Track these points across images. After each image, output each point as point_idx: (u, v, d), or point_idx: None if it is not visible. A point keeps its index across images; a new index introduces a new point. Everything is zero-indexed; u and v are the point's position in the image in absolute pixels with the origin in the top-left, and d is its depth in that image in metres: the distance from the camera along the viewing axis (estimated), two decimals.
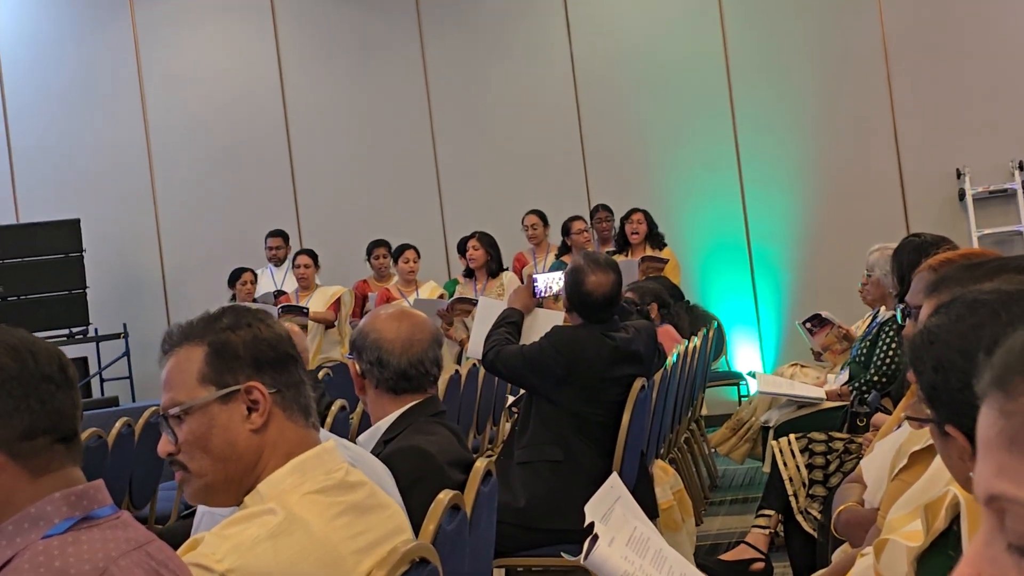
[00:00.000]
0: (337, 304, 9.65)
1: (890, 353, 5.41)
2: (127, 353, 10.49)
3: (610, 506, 2.54)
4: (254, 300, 9.47)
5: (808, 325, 6.90)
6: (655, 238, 9.60)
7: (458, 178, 11.02)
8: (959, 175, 10.16)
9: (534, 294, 5.28)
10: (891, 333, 5.43)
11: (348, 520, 2.08)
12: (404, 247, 9.63)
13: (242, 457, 2.10)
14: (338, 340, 9.56)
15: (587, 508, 2.39)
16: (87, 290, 10.29)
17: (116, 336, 10.48)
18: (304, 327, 9.04)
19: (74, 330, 10.23)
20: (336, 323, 9.66)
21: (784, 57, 10.46)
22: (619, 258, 9.07)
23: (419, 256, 9.62)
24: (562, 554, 3.06)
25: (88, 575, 1.62)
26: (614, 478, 2.65)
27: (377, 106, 11.11)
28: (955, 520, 1.90)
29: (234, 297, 9.73)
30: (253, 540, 1.96)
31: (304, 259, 9.77)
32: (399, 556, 2.09)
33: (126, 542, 1.72)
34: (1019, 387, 0.90)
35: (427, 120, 11.07)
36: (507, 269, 9.58)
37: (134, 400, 10.37)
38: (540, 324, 5.02)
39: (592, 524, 2.51)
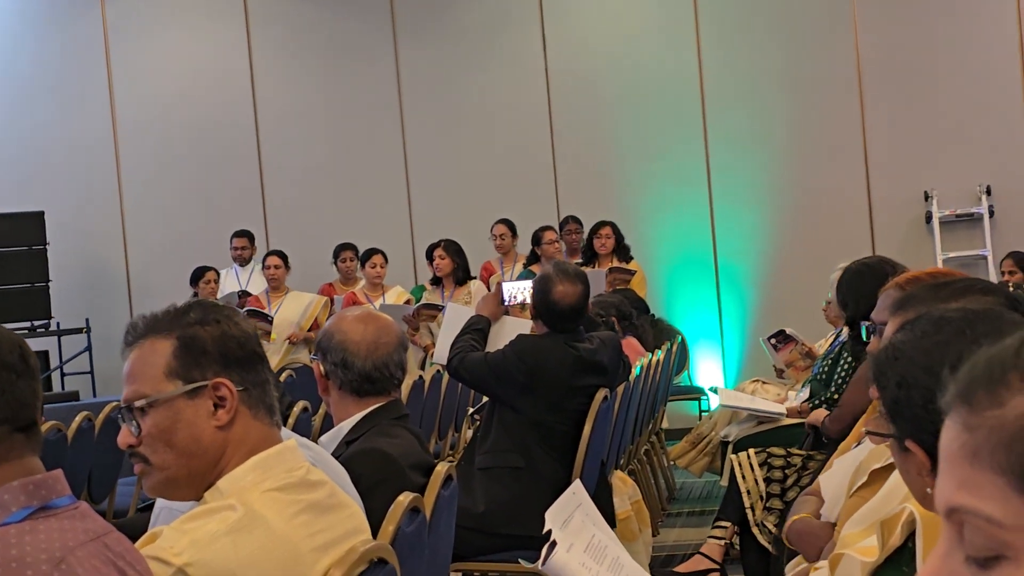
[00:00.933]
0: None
1: (851, 371, 5.44)
2: (89, 348, 10.43)
3: (570, 513, 2.54)
4: (215, 299, 9.41)
5: (773, 341, 6.94)
6: (622, 250, 9.63)
7: (428, 184, 11.02)
8: (927, 197, 10.25)
9: (502, 301, 5.29)
10: (849, 358, 5.46)
11: (308, 518, 2.08)
12: (372, 251, 9.60)
13: (206, 453, 2.09)
14: (304, 344, 9.50)
15: (548, 514, 2.40)
16: (50, 283, 10.22)
17: (78, 331, 10.41)
18: (268, 334, 8.99)
19: (36, 323, 10.16)
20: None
21: (758, 76, 10.52)
22: (587, 269, 9.08)
23: (386, 261, 9.61)
24: (519, 560, 3.07)
25: (45, 563, 1.61)
26: (576, 485, 2.66)
27: (349, 109, 11.09)
28: (910, 537, 1.92)
29: (196, 295, 9.67)
30: (212, 535, 1.95)
31: (274, 260, 9.71)
32: (357, 555, 2.09)
33: (84, 532, 1.71)
34: (983, 401, 0.91)
35: (399, 125, 11.07)
36: (475, 278, 9.58)
37: (95, 395, 10.30)
38: (507, 332, 5.03)
39: (550, 531, 2.52)
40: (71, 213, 10.91)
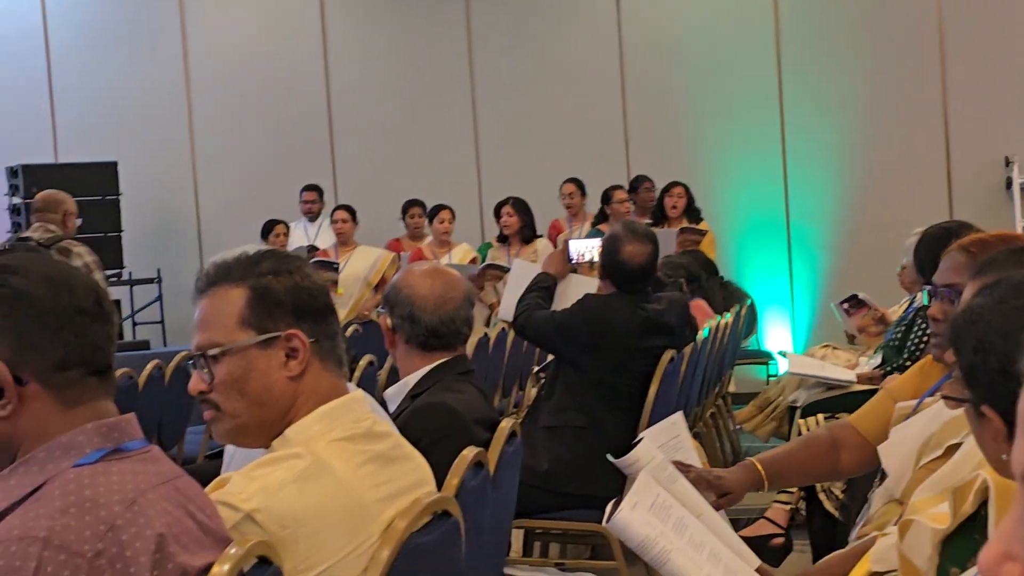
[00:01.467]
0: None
1: (924, 338, 5.37)
2: (160, 298, 10.54)
3: (667, 440, 2.55)
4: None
5: (845, 306, 6.86)
6: (693, 212, 9.54)
7: (497, 141, 11.00)
8: (1007, 163, 10.06)
9: (568, 260, 5.27)
10: (924, 324, 5.39)
11: (373, 469, 2.09)
12: (439, 207, 9.60)
13: (277, 403, 2.11)
14: (371, 300, 9.53)
15: (646, 432, 2.40)
16: (122, 233, 10.33)
17: (150, 281, 10.52)
18: (335, 284, 9.03)
19: (108, 273, 10.27)
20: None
21: (837, 33, 10.37)
22: (657, 229, 9.03)
23: (454, 217, 9.60)
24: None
25: (117, 504, 1.63)
26: (678, 416, 2.66)
27: (419, 65, 11.08)
28: (983, 505, 1.89)
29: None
30: (279, 483, 1.97)
31: (342, 214, 9.73)
32: (421, 507, 2.10)
33: (155, 475, 1.73)
34: None
35: (468, 81, 11.04)
36: (541, 236, 9.56)
37: (165, 344, 10.42)
38: (573, 290, 5.01)
39: (641, 439, 2.50)
40: (144, 164, 11.00)
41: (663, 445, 2.50)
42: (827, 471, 3.12)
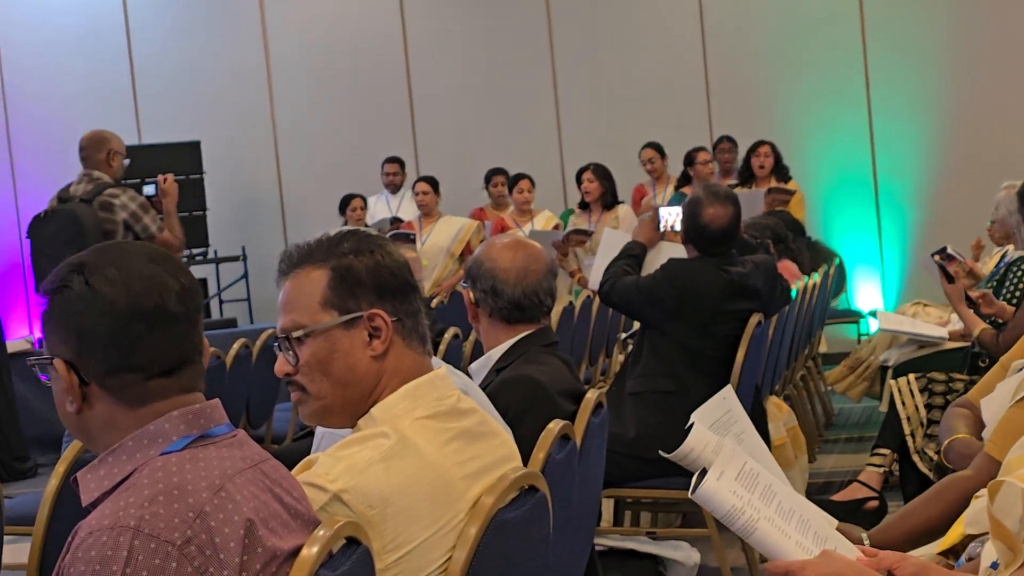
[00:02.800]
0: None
1: (1017, 293, 5.27)
2: (245, 275, 10.65)
3: (718, 417, 2.53)
4: (366, 226, 9.49)
5: (936, 258, 6.75)
6: (781, 170, 9.42)
7: (578, 106, 10.94)
8: None
9: (657, 227, 5.23)
10: (1019, 272, 5.29)
11: (459, 446, 2.09)
12: (519, 176, 9.59)
13: (361, 382, 2.11)
14: (455, 271, 9.55)
15: (695, 415, 2.38)
16: (207, 212, 10.45)
17: (235, 259, 10.63)
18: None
19: (195, 251, 10.40)
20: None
21: None
22: (744, 190, 8.94)
23: (533, 185, 9.58)
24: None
25: (205, 491, 1.65)
26: (727, 390, 2.62)
27: (498, 33, 11.04)
28: None
29: (345, 223, 9.77)
30: (366, 462, 1.98)
31: (423, 186, 9.75)
32: (508, 483, 2.10)
33: (242, 460, 1.74)
34: None
35: (548, 48, 10.99)
36: (622, 202, 9.50)
37: (252, 322, 10.53)
38: (663, 258, 4.96)
39: (692, 424, 2.48)
40: (226, 142, 11.10)
41: (715, 423, 2.48)
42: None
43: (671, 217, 5.36)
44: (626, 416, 4.52)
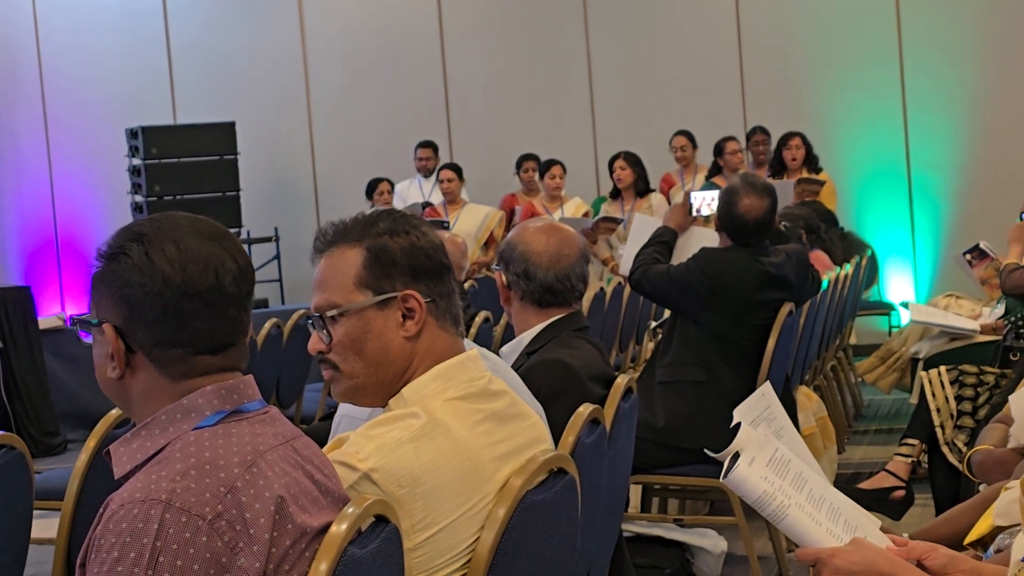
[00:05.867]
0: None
1: None
2: (278, 256, 10.69)
3: (759, 414, 2.51)
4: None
5: (968, 256, 6.71)
6: (812, 162, 9.38)
7: (612, 94, 10.91)
8: None
9: (689, 212, 5.21)
10: None
11: (489, 427, 2.09)
12: (550, 163, 9.58)
13: (394, 363, 2.11)
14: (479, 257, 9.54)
15: (737, 411, 2.37)
16: (240, 192, 10.48)
17: (267, 239, 10.67)
18: None
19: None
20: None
21: None
22: (775, 180, 8.90)
23: (565, 172, 9.57)
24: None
25: (236, 467, 1.65)
26: (766, 387, 2.61)
27: (533, 19, 11.03)
28: None
29: (372, 208, 9.76)
30: (396, 442, 1.98)
31: (447, 173, 9.75)
32: (537, 465, 2.10)
33: (274, 436, 1.75)
34: None
35: (583, 35, 10.97)
36: (655, 190, 9.48)
37: (283, 302, 10.57)
38: (694, 244, 4.95)
39: (739, 424, 2.47)
40: (261, 123, 11.13)
41: (755, 420, 2.47)
42: None
43: (704, 202, 5.34)
44: (656, 405, 4.51)
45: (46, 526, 3.43)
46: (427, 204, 9.75)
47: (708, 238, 5.06)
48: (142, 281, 1.70)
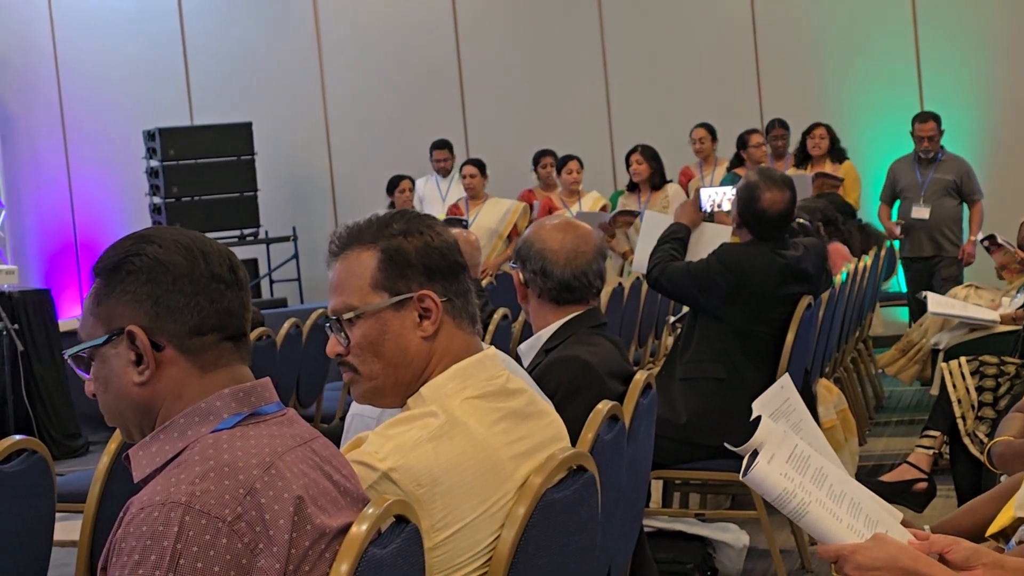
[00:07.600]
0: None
1: None
2: (296, 256, 10.70)
3: (778, 407, 2.51)
4: (413, 207, 9.47)
5: (985, 244, 6.68)
6: (836, 152, 9.34)
7: (627, 89, 10.89)
8: None
9: (700, 208, 5.20)
10: None
11: (508, 426, 2.09)
12: (567, 158, 9.56)
13: (412, 363, 2.12)
14: (503, 251, 9.54)
15: (755, 404, 2.36)
16: (258, 192, 10.50)
17: (285, 239, 10.69)
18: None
19: (245, 232, 10.46)
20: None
21: None
22: (793, 171, 8.87)
23: (582, 167, 9.56)
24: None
25: (255, 468, 1.66)
26: (785, 379, 2.60)
27: (548, 15, 11.02)
28: None
29: (392, 204, 9.79)
30: (415, 441, 1.98)
31: (470, 169, 9.76)
32: (557, 462, 2.10)
33: (292, 438, 1.75)
34: None
35: (598, 30, 10.95)
36: (671, 181, 9.47)
37: (302, 301, 10.59)
38: (707, 240, 4.94)
39: (759, 417, 2.47)
40: (277, 123, 11.15)
41: (774, 413, 2.46)
42: None
43: (717, 197, 5.33)
44: (677, 402, 4.50)
45: (69, 528, 3.44)
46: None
47: (720, 234, 5.05)
48: (164, 271, 1.73)
